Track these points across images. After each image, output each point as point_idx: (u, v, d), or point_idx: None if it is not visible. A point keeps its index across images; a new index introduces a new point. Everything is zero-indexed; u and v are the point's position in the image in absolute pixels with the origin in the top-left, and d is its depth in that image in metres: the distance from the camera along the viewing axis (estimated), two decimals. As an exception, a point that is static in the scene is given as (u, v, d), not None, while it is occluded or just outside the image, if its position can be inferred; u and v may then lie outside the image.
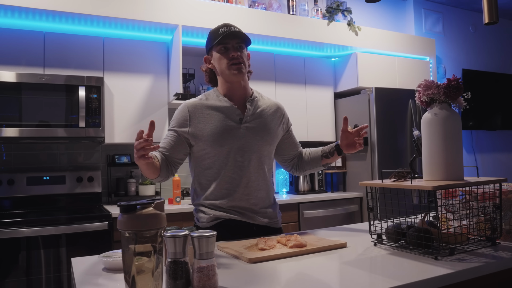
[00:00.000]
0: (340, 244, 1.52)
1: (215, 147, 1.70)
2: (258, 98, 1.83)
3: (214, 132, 1.69)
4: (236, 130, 1.72)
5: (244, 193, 1.73)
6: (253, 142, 1.73)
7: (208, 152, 1.72)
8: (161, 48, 3.49)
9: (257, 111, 1.79)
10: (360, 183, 1.58)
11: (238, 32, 1.69)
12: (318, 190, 4.06)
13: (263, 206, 1.79)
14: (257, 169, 1.76)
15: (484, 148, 5.56)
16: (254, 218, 1.75)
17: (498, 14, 2.06)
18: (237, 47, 1.69)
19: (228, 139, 1.70)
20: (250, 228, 1.75)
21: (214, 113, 1.72)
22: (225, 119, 1.71)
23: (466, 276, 1.20)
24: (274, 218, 1.83)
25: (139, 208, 0.99)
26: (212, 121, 1.71)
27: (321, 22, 3.96)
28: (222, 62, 1.70)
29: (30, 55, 3.03)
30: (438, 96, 1.48)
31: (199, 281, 1.06)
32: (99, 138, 3.16)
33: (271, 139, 1.80)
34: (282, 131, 1.88)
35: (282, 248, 1.46)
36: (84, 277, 1.26)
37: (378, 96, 3.84)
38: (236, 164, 1.71)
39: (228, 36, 1.67)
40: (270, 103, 1.86)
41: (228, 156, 1.71)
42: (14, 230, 2.63)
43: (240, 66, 1.68)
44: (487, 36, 5.71)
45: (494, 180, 1.45)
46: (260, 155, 1.76)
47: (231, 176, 1.71)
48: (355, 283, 1.13)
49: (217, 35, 1.68)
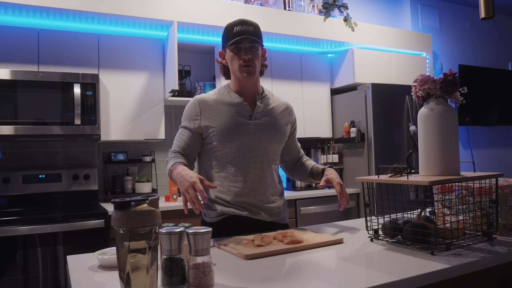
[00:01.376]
0: (337, 240, 1.51)
1: (224, 142, 1.70)
2: (269, 96, 1.86)
3: (224, 127, 1.70)
4: (245, 126, 1.73)
5: (252, 189, 1.73)
6: (262, 138, 1.75)
7: (216, 146, 1.72)
8: (156, 45, 3.48)
9: (267, 109, 1.80)
10: (357, 178, 1.58)
11: (252, 33, 1.68)
12: (314, 186, 4.06)
13: (270, 203, 1.78)
14: (265, 166, 1.77)
15: (481, 143, 5.57)
16: (260, 214, 1.76)
17: (494, 9, 2.05)
18: (249, 48, 1.69)
19: (237, 134, 1.71)
20: (256, 224, 1.75)
21: (225, 108, 1.74)
22: (235, 115, 1.73)
23: (463, 271, 1.20)
24: (280, 215, 1.83)
25: (133, 205, 0.98)
26: (222, 116, 1.72)
27: (317, 18, 3.94)
28: (234, 62, 1.71)
29: (25, 52, 3.01)
30: (434, 91, 1.47)
31: (195, 278, 1.05)
32: (95, 136, 3.15)
33: (280, 137, 1.81)
34: (290, 131, 1.90)
35: (278, 244, 1.45)
36: (79, 274, 1.25)
37: (375, 92, 3.84)
38: (244, 160, 1.72)
39: (241, 39, 1.67)
40: (280, 101, 1.89)
41: (237, 151, 1.72)
42: (10, 229, 2.62)
43: (250, 69, 1.69)
44: (484, 31, 5.71)
45: (491, 175, 1.45)
46: (268, 152, 1.77)
47: (239, 172, 1.72)
48: (352, 278, 1.12)
49: (231, 34, 1.68)
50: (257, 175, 1.74)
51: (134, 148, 3.66)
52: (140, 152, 3.66)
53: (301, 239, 1.47)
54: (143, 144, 3.68)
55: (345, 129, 4.01)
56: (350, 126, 3.97)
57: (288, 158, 1.98)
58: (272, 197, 1.80)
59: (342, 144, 4.14)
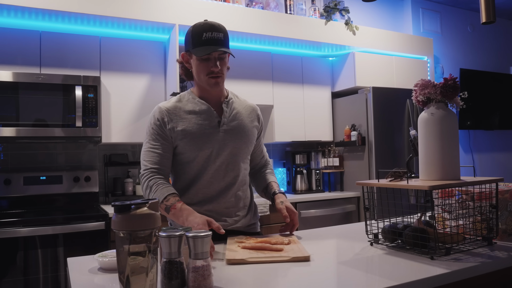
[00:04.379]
0: (303, 258, 1.34)
1: (194, 151, 1.65)
2: (234, 99, 1.79)
3: (193, 136, 1.65)
4: (215, 134, 1.68)
5: (221, 196, 1.69)
6: (231, 144, 1.69)
7: (186, 155, 1.67)
8: (158, 48, 3.49)
9: (233, 113, 1.75)
10: (357, 182, 1.58)
11: (221, 42, 1.60)
12: (315, 190, 4.06)
13: (239, 211, 1.73)
14: (235, 172, 1.72)
15: (482, 147, 5.56)
16: (229, 223, 1.70)
17: (495, 14, 2.06)
18: (219, 58, 1.62)
19: (207, 143, 1.66)
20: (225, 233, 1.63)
21: (192, 117, 1.67)
22: (204, 123, 1.67)
23: (462, 275, 1.20)
24: (250, 223, 1.79)
25: (133, 208, 0.99)
26: (191, 125, 1.66)
27: (318, 22, 3.95)
28: (200, 70, 1.64)
29: (27, 55, 3.02)
30: (434, 95, 1.47)
31: (194, 281, 1.05)
32: (96, 138, 3.16)
33: (248, 140, 1.76)
34: (257, 133, 1.84)
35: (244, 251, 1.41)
36: (79, 277, 1.25)
37: (376, 96, 3.84)
38: (214, 167, 1.67)
39: (210, 48, 1.58)
40: (246, 104, 1.83)
41: (207, 160, 1.67)
42: (11, 230, 2.62)
43: (219, 80, 1.64)
44: (485, 35, 5.72)
45: (491, 180, 1.45)
46: (237, 157, 1.72)
47: (209, 180, 1.67)
48: (352, 283, 1.13)
49: (200, 40, 1.59)
50: (227, 182, 1.69)
51: (135, 150, 3.66)
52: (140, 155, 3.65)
53: (282, 248, 1.43)
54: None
55: (345, 133, 4.01)
56: (351, 130, 3.98)
57: (251, 164, 1.89)
58: (241, 205, 1.74)
59: (343, 147, 4.14)
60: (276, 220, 3.38)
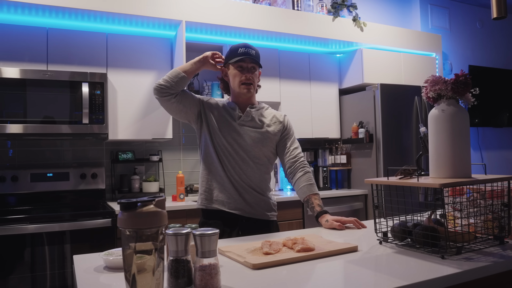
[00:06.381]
0: (351, 248, 1.42)
1: (216, 138, 1.93)
2: (262, 106, 2.05)
3: (215, 125, 1.93)
4: (233, 126, 1.94)
5: (236, 186, 1.91)
6: (248, 140, 1.93)
7: (207, 142, 1.95)
8: (164, 44, 3.47)
9: (256, 114, 1.98)
10: (366, 180, 1.56)
11: (253, 56, 1.94)
12: (322, 187, 4.04)
13: (254, 202, 1.93)
14: (251, 166, 1.93)
15: (491, 145, 5.50)
16: (244, 211, 1.91)
17: (507, 8, 2.02)
18: (251, 68, 1.94)
19: (226, 132, 1.92)
20: (239, 220, 1.91)
21: (221, 109, 1.98)
22: (226, 115, 1.97)
23: (474, 275, 1.17)
24: (266, 213, 1.96)
25: (139, 206, 0.97)
26: (215, 115, 1.96)
27: (326, 18, 3.92)
28: (235, 79, 1.94)
29: (34, 51, 3.02)
30: (445, 92, 1.45)
31: (201, 280, 1.04)
32: (103, 135, 3.15)
33: (265, 141, 1.95)
34: (278, 138, 2.01)
35: (288, 252, 1.37)
36: (85, 275, 1.25)
37: (384, 93, 3.81)
38: (231, 157, 1.91)
39: (244, 59, 1.92)
40: (272, 112, 2.06)
41: (225, 149, 1.91)
42: (18, 227, 2.63)
43: (250, 87, 1.94)
44: (494, 32, 5.65)
45: (503, 178, 1.42)
46: (254, 153, 1.93)
47: (225, 169, 1.91)
48: (360, 282, 1.11)
49: (236, 53, 1.92)
50: (244, 173, 1.92)
51: (142, 147, 3.66)
52: (147, 152, 3.66)
53: (313, 246, 1.39)
54: (150, 143, 3.68)
55: (353, 130, 3.98)
56: (359, 127, 3.95)
57: (284, 161, 2.04)
58: (257, 196, 1.94)
59: (350, 144, 4.11)
60: (288, 218, 3.36)
